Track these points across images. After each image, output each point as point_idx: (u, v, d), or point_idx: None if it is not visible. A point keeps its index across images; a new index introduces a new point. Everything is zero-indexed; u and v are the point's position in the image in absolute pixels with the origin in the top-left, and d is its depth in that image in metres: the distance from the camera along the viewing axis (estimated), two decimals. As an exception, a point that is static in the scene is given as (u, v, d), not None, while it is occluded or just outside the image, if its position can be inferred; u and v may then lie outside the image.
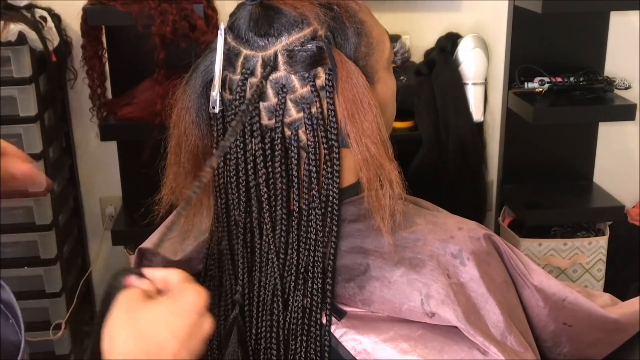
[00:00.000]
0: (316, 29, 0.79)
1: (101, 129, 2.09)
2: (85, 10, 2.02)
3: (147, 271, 0.68)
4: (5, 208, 2.07)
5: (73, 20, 2.19)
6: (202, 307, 0.64)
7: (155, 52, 1.97)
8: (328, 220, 0.80)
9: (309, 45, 0.78)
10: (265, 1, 0.79)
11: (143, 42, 1.99)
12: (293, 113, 0.79)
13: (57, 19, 2.18)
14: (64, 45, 2.20)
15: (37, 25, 2.03)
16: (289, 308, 0.82)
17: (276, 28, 0.78)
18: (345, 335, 0.80)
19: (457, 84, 2.18)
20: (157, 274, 0.67)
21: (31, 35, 1.99)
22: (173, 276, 0.67)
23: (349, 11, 0.81)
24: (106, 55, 2.21)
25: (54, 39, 2.12)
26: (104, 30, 2.18)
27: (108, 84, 2.23)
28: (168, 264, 0.94)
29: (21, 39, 1.97)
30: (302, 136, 0.80)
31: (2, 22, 1.96)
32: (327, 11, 0.79)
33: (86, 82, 2.21)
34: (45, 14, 2.12)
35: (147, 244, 0.97)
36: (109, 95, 2.24)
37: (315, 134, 0.79)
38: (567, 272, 2.32)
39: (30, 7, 2.10)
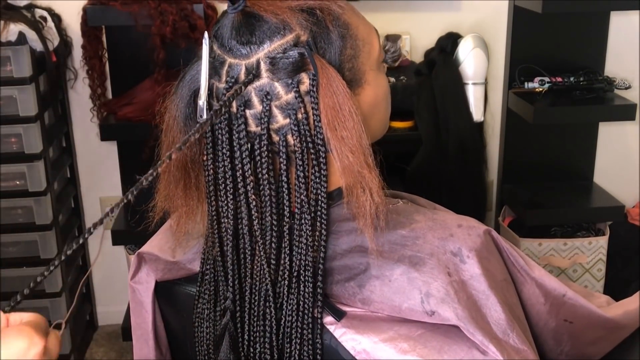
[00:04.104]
0: (298, 34, 0.78)
1: (101, 129, 2.09)
2: (85, 10, 2.02)
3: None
4: (5, 208, 2.07)
5: (73, 20, 2.20)
6: (31, 356, 0.60)
7: (155, 52, 1.98)
8: (318, 223, 0.80)
9: (291, 52, 0.78)
10: (246, 8, 0.78)
11: (143, 42, 1.99)
12: (280, 119, 0.79)
13: (57, 19, 2.18)
14: (64, 45, 2.20)
15: (37, 25, 2.03)
16: (283, 312, 0.82)
17: (258, 36, 0.78)
18: (345, 335, 0.80)
19: (457, 84, 2.18)
20: (11, 317, 0.64)
21: (31, 35, 1.99)
22: (20, 317, 0.63)
23: (332, 14, 0.81)
24: (106, 55, 2.21)
25: (54, 39, 2.12)
26: (104, 30, 2.18)
27: (108, 84, 2.24)
28: (167, 265, 0.94)
29: (21, 39, 1.98)
30: (291, 141, 0.80)
31: (2, 22, 1.96)
32: (309, 16, 0.79)
33: (86, 82, 2.21)
34: (45, 14, 2.12)
35: (147, 247, 0.97)
36: (109, 95, 2.25)
37: (302, 139, 0.79)
38: (567, 272, 2.32)
39: (30, 7, 2.10)
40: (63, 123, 2.30)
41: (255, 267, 0.82)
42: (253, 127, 0.80)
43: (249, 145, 0.80)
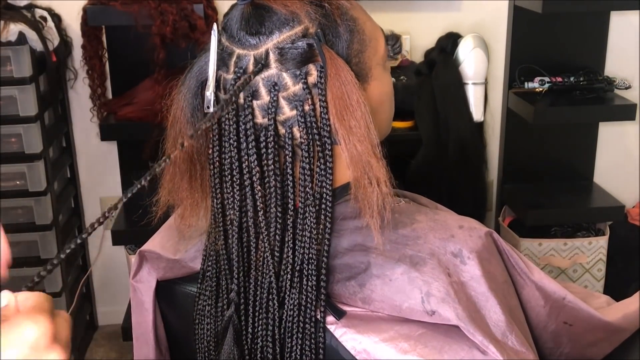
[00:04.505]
0: (307, 26, 0.79)
1: (101, 129, 2.09)
2: (85, 10, 2.02)
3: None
4: (5, 208, 2.07)
5: (73, 20, 2.20)
6: (40, 342, 0.56)
7: (155, 52, 1.98)
8: (322, 217, 0.80)
9: (300, 43, 0.78)
10: (256, 0, 0.79)
11: (143, 42, 1.99)
12: (286, 111, 0.80)
13: (57, 19, 2.18)
14: (64, 45, 2.20)
15: (37, 25, 2.03)
16: (285, 306, 0.82)
17: (267, 26, 0.79)
18: (345, 335, 0.80)
19: (457, 84, 2.18)
20: (19, 297, 0.61)
21: (31, 35, 1.99)
22: (28, 301, 0.60)
23: (340, 9, 0.82)
24: (106, 55, 2.21)
25: (54, 39, 2.12)
26: (104, 30, 2.18)
27: (108, 84, 2.24)
28: (169, 263, 0.94)
29: (21, 39, 1.98)
30: (297, 134, 0.80)
31: (2, 22, 1.96)
32: (318, 9, 0.80)
33: (86, 82, 2.21)
34: (45, 14, 2.12)
35: (148, 245, 0.97)
36: (109, 95, 2.25)
37: (309, 131, 0.79)
38: (567, 272, 2.32)
39: (30, 7, 2.10)
40: (63, 123, 2.30)
41: (259, 259, 0.82)
42: (260, 119, 0.80)
43: (255, 136, 0.80)
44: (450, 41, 2.24)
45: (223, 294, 0.86)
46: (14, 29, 1.97)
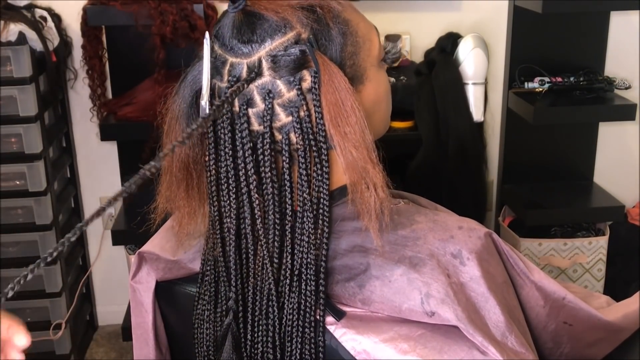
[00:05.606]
0: (299, 32, 0.79)
1: (101, 129, 2.09)
2: (85, 10, 2.02)
3: None
4: (5, 208, 2.07)
5: (73, 20, 2.20)
6: None
7: (155, 52, 1.98)
8: (320, 222, 0.80)
9: (292, 50, 0.78)
10: (247, 7, 0.79)
11: (143, 42, 1.99)
12: (282, 117, 0.80)
13: (57, 19, 2.18)
14: (64, 45, 2.20)
15: (37, 25, 2.03)
16: (284, 310, 0.82)
17: (259, 34, 0.78)
18: (345, 336, 0.80)
19: (457, 84, 2.18)
20: None
21: (31, 35, 1.99)
22: None
23: (332, 12, 0.81)
24: (106, 55, 2.21)
25: (54, 39, 2.12)
26: (104, 30, 2.19)
27: (108, 84, 2.24)
28: (168, 264, 0.94)
29: (21, 39, 1.98)
30: (294, 139, 0.80)
31: (2, 22, 1.96)
32: (310, 14, 0.79)
33: (86, 82, 2.21)
34: (45, 14, 2.12)
35: (147, 247, 0.97)
36: (109, 95, 2.25)
37: (305, 137, 0.79)
38: (567, 272, 2.32)
39: (30, 7, 2.10)
40: (63, 123, 2.30)
41: (257, 266, 0.82)
42: (256, 126, 0.80)
43: (252, 144, 0.80)
44: (450, 41, 2.24)
45: (222, 299, 0.86)
46: (14, 29, 1.97)
